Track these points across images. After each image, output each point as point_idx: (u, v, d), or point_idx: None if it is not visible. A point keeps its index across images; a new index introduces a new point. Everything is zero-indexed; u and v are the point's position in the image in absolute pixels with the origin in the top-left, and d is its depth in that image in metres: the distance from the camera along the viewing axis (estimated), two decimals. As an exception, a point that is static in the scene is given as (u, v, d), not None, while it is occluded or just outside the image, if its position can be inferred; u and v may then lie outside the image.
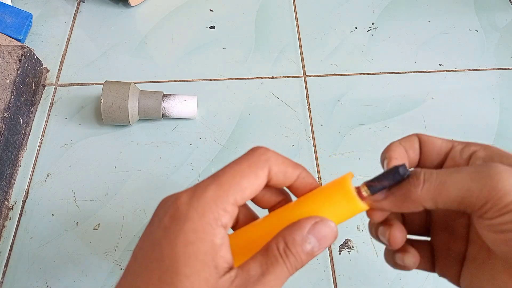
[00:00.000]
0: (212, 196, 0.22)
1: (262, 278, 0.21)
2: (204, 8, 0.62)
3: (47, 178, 0.46)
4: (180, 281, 0.21)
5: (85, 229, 0.43)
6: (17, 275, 0.41)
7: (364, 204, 0.23)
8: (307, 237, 0.22)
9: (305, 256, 0.22)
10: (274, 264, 0.22)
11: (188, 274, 0.21)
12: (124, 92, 0.46)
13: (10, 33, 0.54)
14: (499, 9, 0.63)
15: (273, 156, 0.23)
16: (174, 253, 0.21)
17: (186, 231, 0.21)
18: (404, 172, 0.22)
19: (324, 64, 0.57)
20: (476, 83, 0.55)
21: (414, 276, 0.41)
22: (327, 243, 0.23)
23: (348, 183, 0.23)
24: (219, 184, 0.22)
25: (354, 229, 0.44)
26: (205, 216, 0.21)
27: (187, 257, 0.21)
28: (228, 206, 0.22)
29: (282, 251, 0.22)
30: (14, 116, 0.47)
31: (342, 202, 0.23)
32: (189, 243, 0.21)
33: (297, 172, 0.24)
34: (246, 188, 0.22)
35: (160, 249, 0.22)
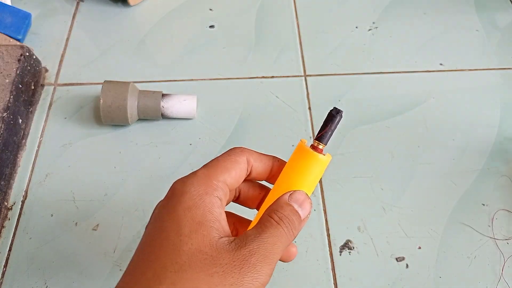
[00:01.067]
0: (202, 175, 0.25)
1: (259, 236, 0.23)
2: (204, 7, 0.62)
3: (46, 178, 0.46)
4: (182, 241, 0.22)
5: (84, 229, 0.43)
6: (16, 276, 0.40)
7: (326, 156, 0.27)
8: (289, 202, 0.26)
9: (294, 216, 0.25)
10: (268, 226, 0.24)
11: (188, 233, 0.22)
12: (123, 92, 0.46)
13: (9, 33, 0.54)
14: (500, 9, 0.63)
15: (248, 149, 0.28)
16: (174, 219, 0.23)
17: (184, 201, 0.24)
18: (337, 111, 0.26)
19: (324, 64, 0.56)
20: (477, 83, 0.55)
21: (415, 277, 0.41)
22: (307, 206, 0.26)
23: (304, 148, 0.27)
24: (206, 167, 0.26)
25: (355, 230, 0.43)
26: (199, 187, 0.24)
27: (187, 220, 0.23)
28: (218, 182, 0.25)
29: (273, 216, 0.25)
30: (13, 116, 0.46)
31: (309, 165, 0.27)
32: (187, 208, 0.23)
33: (271, 159, 0.28)
34: (231, 169, 0.26)
35: (161, 220, 0.24)
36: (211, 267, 0.21)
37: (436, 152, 0.49)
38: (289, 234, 0.24)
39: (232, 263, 0.22)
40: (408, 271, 0.41)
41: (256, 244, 0.23)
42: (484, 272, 0.42)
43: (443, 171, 0.48)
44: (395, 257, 0.42)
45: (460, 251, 0.43)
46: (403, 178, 0.47)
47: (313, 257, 0.42)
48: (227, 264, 0.22)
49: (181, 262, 0.22)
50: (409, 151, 0.49)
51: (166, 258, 0.22)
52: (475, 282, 0.41)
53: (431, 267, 0.41)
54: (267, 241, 0.23)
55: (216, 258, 0.22)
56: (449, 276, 0.41)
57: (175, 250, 0.22)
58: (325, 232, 0.43)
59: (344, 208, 0.45)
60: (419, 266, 0.42)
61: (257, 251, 0.22)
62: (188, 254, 0.22)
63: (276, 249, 0.23)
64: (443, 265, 0.42)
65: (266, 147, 0.49)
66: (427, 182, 0.46)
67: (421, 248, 0.43)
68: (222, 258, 0.22)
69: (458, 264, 0.42)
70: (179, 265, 0.21)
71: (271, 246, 0.23)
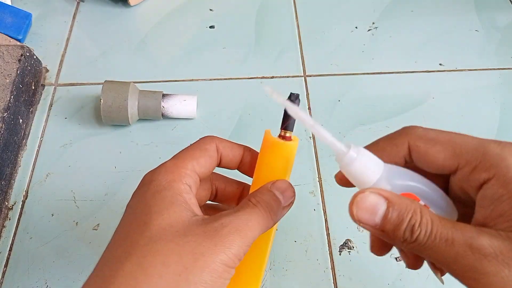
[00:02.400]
0: (170, 164, 0.25)
1: (233, 213, 0.23)
2: (204, 7, 0.62)
3: (47, 178, 0.46)
4: (151, 217, 0.22)
5: (85, 229, 0.43)
6: (16, 275, 0.40)
7: (294, 140, 0.27)
8: (271, 189, 0.25)
9: (274, 202, 0.24)
10: (245, 207, 0.24)
11: (158, 211, 0.22)
12: (123, 92, 0.46)
13: (10, 33, 0.54)
14: (500, 9, 0.63)
15: (218, 137, 0.27)
16: (143, 202, 0.23)
17: (152, 187, 0.24)
18: (295, 97, 0.27)
19: (324, 64, 0.56)
20: (476, 83, 0.55)
21: (415, 276, 0.41)
22: (289, 193, 0.26)
23: (272, 139, 0.27)
24: (175, 157, 0.26)
25: (355, 229, 0.43)
26: (167, 175, 0.24)
27: (156, 200, 0.23)
28: (187, 170, 0.25)
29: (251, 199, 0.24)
30: (13, 116, 0.47)
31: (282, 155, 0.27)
32: (156, 192, 0.23)
33: (242, 147, 0.28)
34: (200, 157, 0.26)
35: (130, 206, 0.24)
36: (182, 238, 0.21)
37: (436, 152, 0.49)
38: (266, 216, 0.24)
39: (204, 234, 0.21)
40: (408, 271, 0.41)
41: (229, 218, 0.22)
42: (484, 272, 0.42)
43: (443, 171, 0.48)
44: (395, 257, 0.42)
45: (459, 251, 0.43)
46: (403, 178, 0.47)
47: (313, 257, 0.42)
48: (198, 235, 0.21)
49: (150, 236, 0.21)
50: (409, 151, 0.49)
51: (136, 234, 0.22)
52: (474, 281, 0.41)
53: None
54: (240, 217, 0.23)
55: (188, 230, 0.22)
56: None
57: (144, 226, 0.22)
58: (325, 232, 0.43)
59: (344, 208, 0.45)
60: (419, 266, 0.42)
61: (229, 223, 0.22)
62: (158, 228, 0.22)
63: (251, 226, 0.23)
64: (443, 265, 0.42)
65: (266, 147, 0.49)
66: (427, 182, 0.46)
67: (421, 248, 0.43)
68: (194, 230, 0.22)
69: (458, 264, 0.42)
70: (149, 238, 0.21)
71: (244, 222, 0.23)
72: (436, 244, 0.20)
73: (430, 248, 0.20)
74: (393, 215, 0.21)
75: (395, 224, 0.21)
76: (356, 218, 0.22)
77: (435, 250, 0.20)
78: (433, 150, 0.22)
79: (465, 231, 0.20)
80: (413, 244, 0.21)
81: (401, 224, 0.21)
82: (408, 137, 0.23)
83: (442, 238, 0.20)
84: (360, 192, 0.22)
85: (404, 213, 0.21)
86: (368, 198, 0.22)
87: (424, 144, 0.23)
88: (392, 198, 0.21)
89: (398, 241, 0.21)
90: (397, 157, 0.24)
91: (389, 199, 0.21)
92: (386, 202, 0.21)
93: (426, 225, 0.20)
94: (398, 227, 0.21)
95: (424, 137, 0.23)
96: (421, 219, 0.20)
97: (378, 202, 0.22)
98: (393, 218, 0.21)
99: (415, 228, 0.20)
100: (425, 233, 0.20)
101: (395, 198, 0.21)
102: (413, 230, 0.20)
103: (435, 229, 0.20)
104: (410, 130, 0.23)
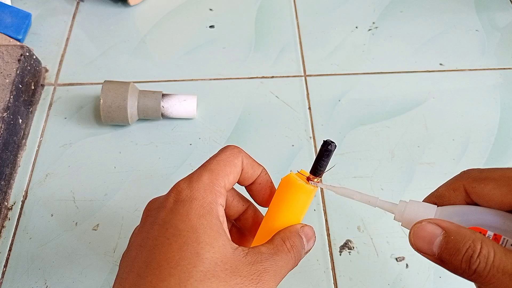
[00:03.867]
0: (207, 181, 0.25)
1: (272, 257, 0.24)
2: (204, 7, 0.62)
3: (46, 178, 0.46)
4: (203, 248, 0.22)
5: (84, 229, 0.43)
6: (16, 275, 0.40)
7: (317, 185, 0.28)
8: (301, 234, 0.27)
9: (302, 248, 0.26)
10: (281, 250, 0.25)
11: (209, 242, 0.22)
12: (123, 92, 0.46)
13: (10, 33, 0.54)
14: (500, 9, 0.63)
15: (243, 151, 0.28)
16: (190, 226, 0.23)
17: (195, 207, 0.23)
18: (331, 145, 0.26)
19: (324, 64, 0.56)
20: (476, 83, 0.55)
21: (415, 277, 0.41)
22: (311, 243, 0.27)
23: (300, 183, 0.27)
24: (210, 170, 0.25)
25: (355, 229, 0.43)
26: (207, 195, 0.24)
27: (204, 228, 0.23)
28: (221, 188, 0.25)
29: (286, 243, 0.25)
30: (13, 116, 0.46)
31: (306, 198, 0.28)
32: (201, 216, 0.23)
33: (261, 168, 0.29)
34: (230, 174, 0.26)
35: (174, 225, 0.23)
36: (232, 278, 0.22)
37: (436, 152, 0.49)
38: (294, 263, 0.26)
39: (250, 276, 0.22)
40: (408, 271, 0.41)
41: (270, 263, 0.24)
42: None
43: (443, 171, 0.48)
44: (395, 257, 0.42)
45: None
46: (403, 178, 0.47)
47: (313, 257, 0.42)
48: (246, 277, 0.22)
49: (205, 271, 0.21)
50: (409, 151, 0.49)
51: (189, 265, 0.21)
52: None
53: (431, 267, 0.41)
54: (278, 263, 0.24)
55: (236, 269, 0.22)
56: (449, 276, 0.41)
57: (197, 258, 0.22)
58: (325, 232, 0.43)
59: (344, 208, 0.45)
60: (419, 266, 0.42)
61: (270, 269, 0.24)
62: (211, 263, 0.22)
63: (284, 272, 0.25)
64: (443, 265, 0.42)
65: (266, 147, 0.49)
66: (427, 182, 0.46)
67: (421, 248, 0.43)
68: (241, 270, 0.22)
69: (458, 264, 0.42)
70: (204, 274, 0.21)
71: (280, 268, 0.24)
72: (498, 278, 0.19)
73: (491, 281, 0.20)
74: (450, 245, 0.21)
75: (452, 254, 0.21)
76: (415, 247, 0.23)
77: (497, 284, 0.19)
78: (488, 188, 0.22)
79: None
80: (474, 276, 0.20)
81: (457, 254, 0.20)
82: (463, 181, 0.24)
83: (505, 272, 0.19)
84: (418, 222, 0.23)
85: (461, 243, 0.20)
86: (426, 227, 0.22)
87: (478, 184, 0.23)
88: (449, 228, 0.21)
89: (458, 272, 0.21)
90: (458, 201, 0.24)
91: (447, 229, 0.21)
92: (443, 232, 0.21)
93: (486, 257, 0.20)
94: (455, 257, 0.21)
95: (478, 178, 0.23)
96: (480, 250, 0.20)
97: (435, 232, 0.22)
98: (450, 248, 0.21)
99: (473, 259, 0.20)
100: (485, 265, 0.20)
101: (453, 228, 0.21)
102: (471, 261, 0.20)
103: (497, 261, 0.19)
104: (465, 173, 0.24)
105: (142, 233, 0.24)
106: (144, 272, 0.22)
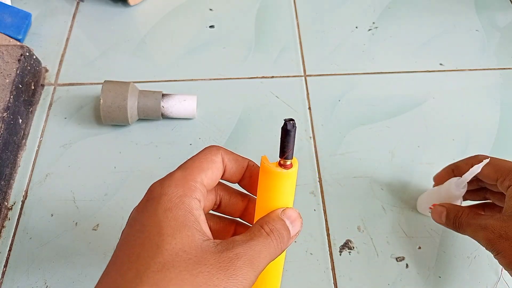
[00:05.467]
0: (179, 176, 0.24)
1: (247, 242, 0.23)
2: (204, 7, 0.62)
3: (46, 178, 0.46)
4: (164, 240, 0.22)
5: (84, 229, 0.43)
6: (16, 275, 0.40)
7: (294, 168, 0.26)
8: (282, 217, 0.26)
9: (285, 231, 0.25)
10: (258, 235, 0.24)
11: (171, 234, 0.22)
12: (123, 92, 0.46)
13: (10, 33, 0.54)
14: (500, 9, 0.63)
15: (222, 148, 0.27)
16: (155, 220, 0.22)
17: (162, 202, 0.23)
18: (292, 125, 0.25)
19: (324, 64, 0.56)
20: (477, 83, 0.55)
21: (415, 277, 0.41)
22: (298, 224, 0.26)
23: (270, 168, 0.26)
24: (183, 168, 0.25)
25: (355, 229, 0.43)
26: (177, 189, 0.24)
27: (168, 220, 0.22)
28: (196, 183, 0.24)
29: (264, 227, 0.24)
30: (13, 116, 0.46)
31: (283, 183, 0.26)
32: (168, 209, 0.23)
33: (246, 160, 0.28)
34: (208, 169, 0.25)
35: (140, 223, 0.23)
36: (195, 266, 0.21)
37: (436, 152, 0.49)
38: (277, 247, 0.24)
39: (218, 264, 0.21)
40: (408, 271, 0.41)
41: (243, 248, 0.23)
42: (484, 272, 0.42)
43: (443, 171, 0.48)
44: (395, 257, 0.42)
45: (460, 251, 0.43)
46: (403, 178, 0.47)
47: (313, 257, 0.42)
48: (212, 265, 0.21)
49: (163, 262, 0.21)
50: (409, 151, 0.49)
51: (148, 258, 0.21)
52: (475, 282, 0.41)
53: (431, 267, 0.41)
54: (254, 248, 0.23)
55: (201, 258, 0.21)
56: (449, 276, 0.41)
57: (157, 250, 0.21)
58: (325, 232, 0.43)
59: (344, 208, 0.45)
60: (419, 266, 0.42)
61: (243, 255, 0.22)
62: (171, 254, 0.21)
63: (263, 258, 0.23)
64: (443, 265, 0.42)
65: (265, 147, 0.49)
66: (427, 182, 0.46)
67: (421, 248, 0.43)
68: (207, 259, 0.21)
69: (458, 264, 0.42)
70: (162, 264, 0.21)
71: (257, 253, 0.23)
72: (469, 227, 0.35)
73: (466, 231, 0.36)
74: (450, 216, 0.37)
75: (448, 219, 0.37)
76: (433, 219, 0.39)
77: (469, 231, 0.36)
78: (485, 169, 0.36)
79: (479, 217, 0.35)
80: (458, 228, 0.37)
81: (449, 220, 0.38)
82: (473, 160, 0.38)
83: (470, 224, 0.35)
84: (434, 204, 0.39)
85: (454, 212, 0.37)
86: (437, 208, 0.39)
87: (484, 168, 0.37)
88: (448, 206, 0.38)
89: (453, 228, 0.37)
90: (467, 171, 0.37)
91: (446, 207, 0.38)
92: (445, 209, 0.38)
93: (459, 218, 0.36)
94: (450, 221, 0.37)
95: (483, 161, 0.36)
96: (461, 215, 0.36)
97: (441, 210, 0.38)
98: (449, 215, 0.37)
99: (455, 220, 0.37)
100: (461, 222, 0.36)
101: (451, 206, 0.38)
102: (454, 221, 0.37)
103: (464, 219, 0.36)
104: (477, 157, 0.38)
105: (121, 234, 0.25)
106: (109, 269, 0.23)
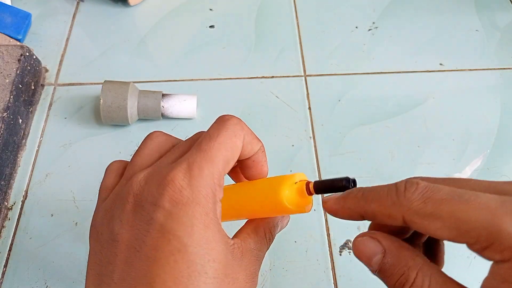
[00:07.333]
0: (209, 175, 0.22)
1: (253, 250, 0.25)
2: (204, 7, 0.62)
3: (46, 178, 0.46)
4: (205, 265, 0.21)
5: (85, 229, 0.43)
6: (16, 276, 0.40)
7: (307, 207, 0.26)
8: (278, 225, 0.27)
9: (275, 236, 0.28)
10: (262, 243, 0.26)
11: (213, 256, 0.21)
12: (123, 92, 0.46)
13: (9, 33, 0.54)
14: (500, 9, 0.63)
15: (245, 126, 0.24)
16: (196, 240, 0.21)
17: (199, 216, 0.21)
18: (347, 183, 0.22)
19: (324, 64, 0.56)
20: (477, 83, 0.55)
21: (414, 276, 0.41)
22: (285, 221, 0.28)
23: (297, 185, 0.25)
24: (210, 160, 0.22)
25: (355, 229, 0.43)
26: (209, 197, 0.21)
27: (209, 242, 0.21)
28: (221, 180, 0.23)
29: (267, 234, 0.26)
30: (13, 116, 0.46)
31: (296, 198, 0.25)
32: (206, 227, 0.21)
33: (259, 144, 0.25)
34: (230, 160, 0.23)
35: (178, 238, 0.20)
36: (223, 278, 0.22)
37: (436, 152, 0.49)
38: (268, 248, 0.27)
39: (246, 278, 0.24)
40: (408, 271, 0.41)
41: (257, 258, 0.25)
42: (484, 272, 0.42)
43: (443, 171, 0.48)
44: (395, 257, 0.42)
45: (460, 251, 0.43)
46: (403, 178, 0.47)
47: (313, 257, 0.42)
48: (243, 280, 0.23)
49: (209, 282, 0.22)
50: (409, 151, 0.49)
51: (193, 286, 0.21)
52: (475, 282, 0.41)
53: (431, 267, 0.41)
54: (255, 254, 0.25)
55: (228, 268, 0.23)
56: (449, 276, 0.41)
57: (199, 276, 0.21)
58: (325, 232, 0.43)
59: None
60: (419, 266, 0.42)
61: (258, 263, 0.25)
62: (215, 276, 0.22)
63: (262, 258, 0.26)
64: (443, 265, 0.42)
65: (266, 147, 0.49)
66: (427, 182, 0.46)
67: (421, 248, 0.43)
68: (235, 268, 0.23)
69: (458, 264, 0.42)
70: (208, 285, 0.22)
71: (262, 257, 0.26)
72: None
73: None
74: (386, 267, 0.20)
75: (387, 276, 0.20)
76: (356, 256, 0.22)
77: None
78: (433, 227, 0.19)
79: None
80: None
81: (391, 278, 0.20)
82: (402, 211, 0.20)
83: None
84: (360, 235, 0.22)
85: (396, 268, 0.20)
86: (367, 243, 0.22)
87: (421, 220, 0.19)
88: (389, 247, 0.21)
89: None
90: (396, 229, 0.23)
91: (387, 248, 0.21)
92: (383, 251, 0.21)
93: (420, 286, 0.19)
94: (389, 279, 0.20)
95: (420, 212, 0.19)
96: (415, 280, 0.19)
97: (375, 250, 0.21)
98: (385, 269, 0.20)
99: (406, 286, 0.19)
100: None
101: (394, 248, 0.21)
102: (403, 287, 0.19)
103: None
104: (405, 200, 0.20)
105: (133, 229, 0.21)
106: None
